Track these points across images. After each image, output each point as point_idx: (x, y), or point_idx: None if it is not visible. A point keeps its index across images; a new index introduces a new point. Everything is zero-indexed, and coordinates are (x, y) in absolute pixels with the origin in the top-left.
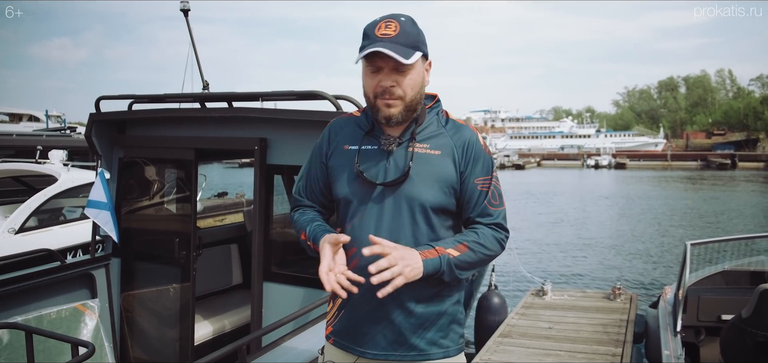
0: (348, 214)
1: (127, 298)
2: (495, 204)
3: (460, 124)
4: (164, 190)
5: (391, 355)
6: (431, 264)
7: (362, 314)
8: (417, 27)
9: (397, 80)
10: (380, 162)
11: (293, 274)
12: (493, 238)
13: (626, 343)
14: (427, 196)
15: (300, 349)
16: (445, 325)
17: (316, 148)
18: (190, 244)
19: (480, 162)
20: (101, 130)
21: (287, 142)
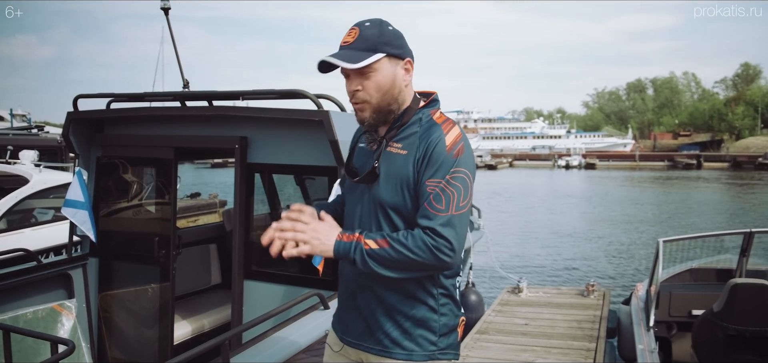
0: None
1: (105, 297)
2: (437, 207)
3: (435, 123)
4: (143, 189)
5: (361, 345)
6: (342, 246)
7: (342, 303)
8: (381, 28)
9: (362, 84)
10: (367, 160)
11: (274, 272)
12: (423, 243)
13: (600, 339)
14: (384, 195)
15: (280, 345)
16: (411, 328)
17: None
18: (169, 244)
19: (436, 164)
20: (79, 128)
21: (268, 140)
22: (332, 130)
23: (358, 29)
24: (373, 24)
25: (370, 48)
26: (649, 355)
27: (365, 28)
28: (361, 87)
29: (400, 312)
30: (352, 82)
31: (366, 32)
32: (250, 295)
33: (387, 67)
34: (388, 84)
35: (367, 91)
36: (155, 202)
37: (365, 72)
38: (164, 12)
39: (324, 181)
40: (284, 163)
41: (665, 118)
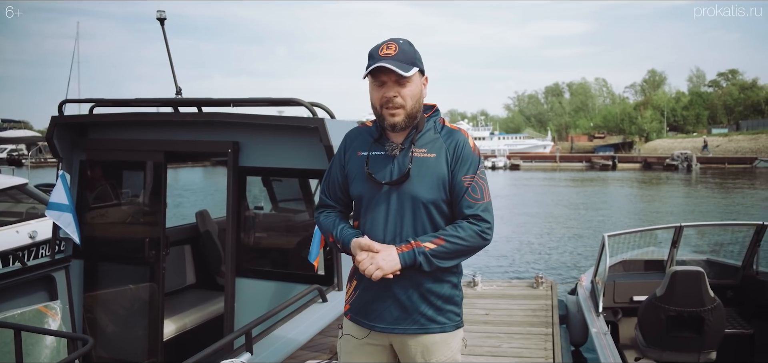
0: (361, 209)
1: (90, 298)
2: (476, 197)
3: (452, 129)
4: (130, 191)
5: (395, 328)
6: (407, 257)
7: (371, 294)
8: (413, 48)
9: (399, 91)
10: (386, 165)
11: (264, 269)
12: (472, 230)
13: (554, 325)
14: (423, 193)
15: (288, 338)
16: (442, 305)
17: (336, 155)
18: (160, 243)
19: (467, 162)
20: (62, 133)
21: (259, 145)
22: (328, 137)
23: (396, 45)
24: (406, 42)
25: (410, 61)
26: (602, 336)
27: (402, 44)
28: (398, 94)
29: (433, 293)
30: (390, 89)
31: (404, 47)
32: (241, 292)
33: (418, 80)
34: (418, 94)
35: (403, 98)
36: (145, 204)
37: (404, 81)
38: (160, 22)
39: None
40: (275, 166)
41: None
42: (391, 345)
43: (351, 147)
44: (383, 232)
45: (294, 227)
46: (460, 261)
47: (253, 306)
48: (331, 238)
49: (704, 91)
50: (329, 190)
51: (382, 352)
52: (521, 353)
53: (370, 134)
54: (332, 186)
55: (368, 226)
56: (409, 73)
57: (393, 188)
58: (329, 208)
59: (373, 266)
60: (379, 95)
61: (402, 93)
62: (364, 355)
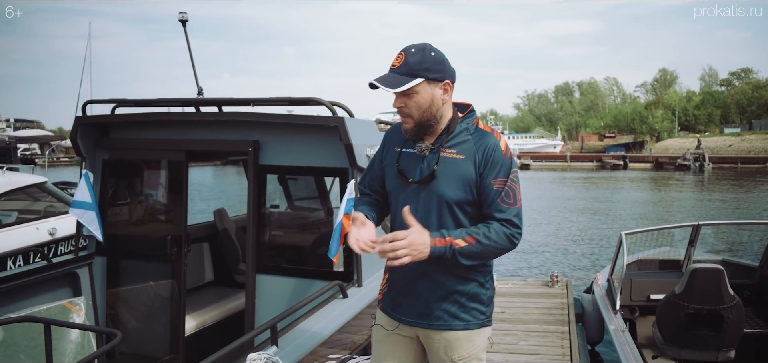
0: (392, 204)
1: (113, 295)
2: (508, 202)
3: (485, 131)
4: (152, 190)
5: (420, 323)
6: (437, 250)
7: (399, 288)
8: (424, 55)
9: (405, 102)
10: (417, 164)
11: (284, 265)
12: (503, 233)
13: (571, 323)
14: (449, 193)
15: (312, 332)
16: (466, 302)
17: (377, 150)
18: (181, 241)
19: (498, 165)
20: (86, 132)
21: (278, 144)
22: (347, 135)
23: (404, 55)
24: (418, 50)
25: (411, 73)
26: (620, 334)
27: (410, 55)
28: (405, 104)
29: (457, 291)
30: (397, 99)
31: (409, 59)
32: (261, 288)
33: (426, 89)
34: (426, 103)
35: (409, 108)
36: (166, 202)
37: (407, 93)
38: (182, 24)
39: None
40: (295, 164)
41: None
42: (418, 337)
43: (390, 143)
44: None
45: (310, 225)
46: (484, 261)
47: (272, 302)
48: None
49: (716, 90)
50: (369, 182)
51: (409, 343)
52: (538, 351)
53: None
54: (371, 179)
55: (398, 220)
56: (401, 87)
57: (421, 187)
58: (367, 197)
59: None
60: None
61: (407, 103)
62: (394, 345)
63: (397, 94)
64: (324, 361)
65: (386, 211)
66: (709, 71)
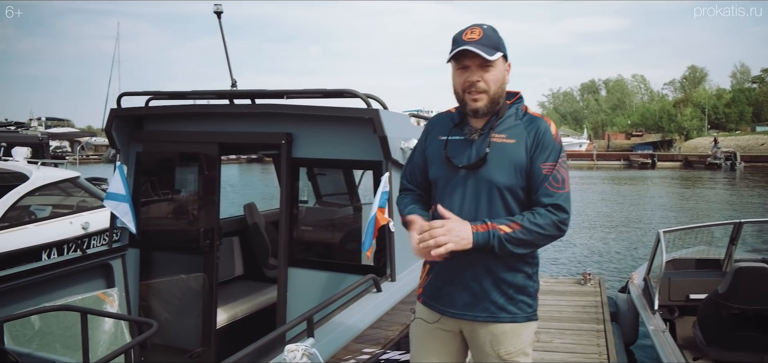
0: (438, 193)
1: (145, 286)
2: (556, 187)
3: (535, 116)
4: (184, 182)
5: (466, 314)
6: (481, 237)
7: (444, 279)
8: (497, 33)
9: (482, 76)
10: (465, 149)
11: (316, 259)
12: (550, 219)
13: (606, 322)
14: (500, 178)
15: (347, 325)
16: (514, 294)
17: (419, 140)
18: (214, 234)
19: (548, 149)
20: (120, 125)
21: (312, 136)
22: (382, 128)
23: (480, 29)
24: (490, 28)
25: (494, 46)
26: (661, 334)
27: (486, 29)
28: (482, 79)
29: (505, 282)
30: (473, 73)
31: (488, 32)
32: (293, 282)
33: (501, 65)
34: (501, 79)
35: (486, 83)
36: (199, 195)
37: (488, 66)
38: (217, 15)
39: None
40: (328, 157)
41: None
42: (461, 331)
43: (432, 131)
44: (459, 216)
45: (341, 219)
46: (533, 250)
47: (304, 295)
48: (403, 218)
49: (748, 88)
50: (410, 174)
51: (452, 337)
52: (574, 349)
53: (451, 119)
54: (413, 170)
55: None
56: (493, 57)
57: (470, 172)
58: (408, 192)
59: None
60: (462, 80)
61: (485, 77)
62: (434, 340)
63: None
64: (358, 355)
65: (429, 206)
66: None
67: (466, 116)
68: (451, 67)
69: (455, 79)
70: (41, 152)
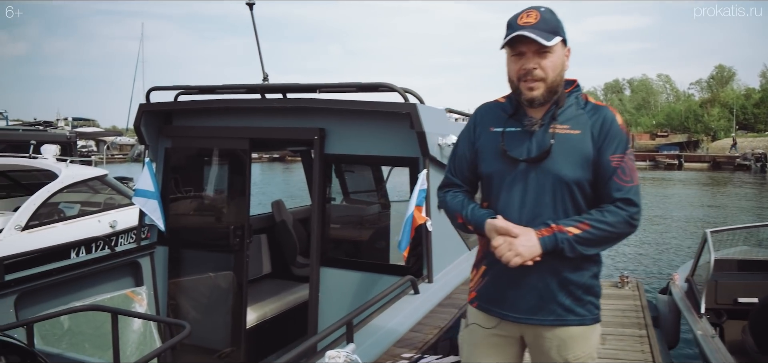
0: (492, 190)
1: (174, 285)
2: (625, 180)
3: (599, 105)
4: (214, 179)
5: (530, 318)
6: (548, 242)
7: (504, 281)
8: (555, 16)
9: (539, 63)
10: (523, 142)
11: (348, 259)
12: (620, 215)
13: (648, 326)
14: (566, 172)
15: (386, 328)
16: (581, 296)
17: (464, 132)
18: (244, 231)
19: (616, 140)
20: (149, 120)
21: (345, 132)
22: (420, 123)
23: (538, 12)
24: (547, 10)
25: (552, 30)
26: (710, 340)
27: (544, 12)
28: (538, 66)
29: (573, 282)
30: (529, 60)
31: (545, 15)
32: (325, 282)
33: (560, 50)
34: (560, 66)
35: (543, 70)
36: (229, 192)
37: (545, 52)
38: (249, 7)
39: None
40: (363, 153)
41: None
42: (521, 337)
43: (482, 123)
44: (518, 214)
45: (369, 217)
46: (605, 249)
47: (336, 296)
48: (461, 219)
49: None
50: (456, 168)
51: (511, 344)
52: (617, 355)
53: (503, 110)
54: (460, 164)
55: (501, 207)
56: (551, 42)
57: (531, 167)
58: (455, 188)
59: (511, 252)
60: (517, 67)
61: (542, 64)
62: (491, 347)
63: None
64: (397, 360)
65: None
66: None
67: (521, 106)
68: (506, 54)
69: (510, 66)
70: (69, 150)
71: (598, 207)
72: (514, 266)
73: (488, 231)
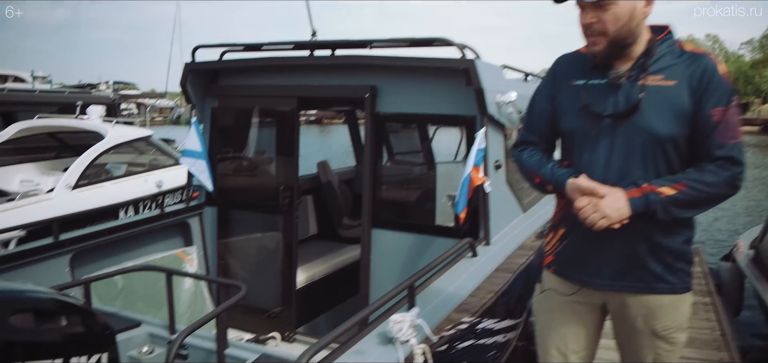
0: (574, 148)
1: (222, 245)
2: (728, 136)
3: (697, 52)
4: (261, 139)
5: (616, 284)
6: (638, 203)
7: (586, 245)
8: None
9: (598, 16)
10: (609, 95)
11: (399, 220)
12: (722, 175)
13: (712, 293)
14: (659, 127)
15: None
16: (673, 262)
17: (542, 85)
18: (293, 192)
19: (717, 91)
20: (195, 79)
21: (398, 89)
22: (478, 79)
23: None
24: None
25: None
26: None
27: None
28: (597, 19)
29: (663, 247)
30: (586, 14)
31: None
32: (376, 243)
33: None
34: (625, 17)
35: (602, 24)
36: (277, 151)
37: (604, 4)
38: None
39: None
40: (416, 112)
41: None
42: (603, 304)
43: (562, 75)
44: (603, 173)
45: (416, 178)
46: (702, 212)
47: (387, 258)
48: (538, 178)
49: None
50: (533, 124)
51: (591, 311)
52: None
53: (586, 61)
54: (537, 120)
55: (583, 167)
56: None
57: (618, 122)
58: (532, 145)
59: (597, 214)
60: (580, 21)
61: (602, 17)
62: (570, 315)
63: (590, 5)
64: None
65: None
66: None
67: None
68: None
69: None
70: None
71: (694, 166)
72: (599, 229)
73: (570, 191)
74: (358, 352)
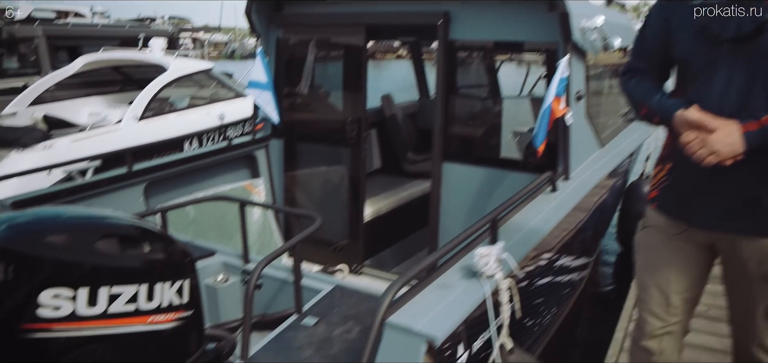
0: (688, 76)
1: (289, 178)
2: None
3: None
4: (328, 69)
5: (726, 225)
6: (755, 137)
7: (695, 181)
8: None
9: None
10: (730, 16)
11: (471, 154)
12: None
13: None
14: None
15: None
16: None
17: (655, 7)
18: (361, 124)
19: None
20: (259, 7)
21: (472, 15)
22: (563, 2)
23: None
24: None
25: None
26: None
27: None
28: None
29: None
30: None
31: None
32: (446, 177)
33: None
34: None
35: None
36: (344, 83)
37: None
38: None
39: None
40: (492, 39)
41: None
42: (712, 245)
43: None
44: (719, 104)
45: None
46: None
47: (458, 192)
48: (645, 109)
49: None
50: (644, 50)
51: (699, 251)
52: None
53: None
54: (649, 45)
55: (696, 96)
56: None
57: (740, 47)
58: (640, 73)
59: (705, 150)
60: None
61: None
62: (676, 253)
63: None
64: (537, 261)
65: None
66: None
67: None
68: None
69: None
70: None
71: None
72: (708, 166)
73: (678, 124)
74: (442, 285)
